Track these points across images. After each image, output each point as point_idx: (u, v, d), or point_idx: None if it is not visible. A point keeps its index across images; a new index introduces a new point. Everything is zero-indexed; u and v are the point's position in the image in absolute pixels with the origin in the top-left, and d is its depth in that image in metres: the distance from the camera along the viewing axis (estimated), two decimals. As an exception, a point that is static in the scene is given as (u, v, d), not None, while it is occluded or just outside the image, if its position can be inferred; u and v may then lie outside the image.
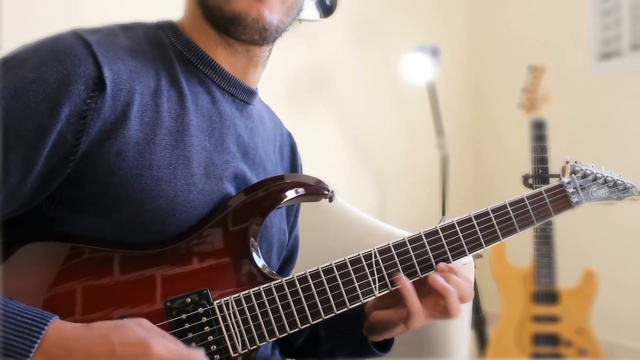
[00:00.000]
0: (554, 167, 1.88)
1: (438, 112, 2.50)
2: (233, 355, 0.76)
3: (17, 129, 0.70)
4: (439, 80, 2.54)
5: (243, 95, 0.88)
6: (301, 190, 0.84)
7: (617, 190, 0.96)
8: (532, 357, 2.01)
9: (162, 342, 0.66)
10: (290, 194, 0.83)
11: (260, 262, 0.80)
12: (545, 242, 1.98)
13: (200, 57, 0.84)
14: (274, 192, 0.83)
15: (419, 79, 2.53)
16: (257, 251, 0.81)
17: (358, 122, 2.70)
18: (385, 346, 0.93)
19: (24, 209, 0.75)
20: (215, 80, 0.84)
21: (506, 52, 2.92)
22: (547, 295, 2.02)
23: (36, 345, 0.63)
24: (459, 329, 1.18)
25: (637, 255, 2.42)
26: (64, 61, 0.72)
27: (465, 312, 1.19)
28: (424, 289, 0.83)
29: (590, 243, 2.53)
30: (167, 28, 0.85)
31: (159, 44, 0.83)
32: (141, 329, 0.67)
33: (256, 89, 0.91)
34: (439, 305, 0.83)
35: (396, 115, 2.79)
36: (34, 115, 0.70)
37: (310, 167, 1.03)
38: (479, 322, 2.13)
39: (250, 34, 0.81)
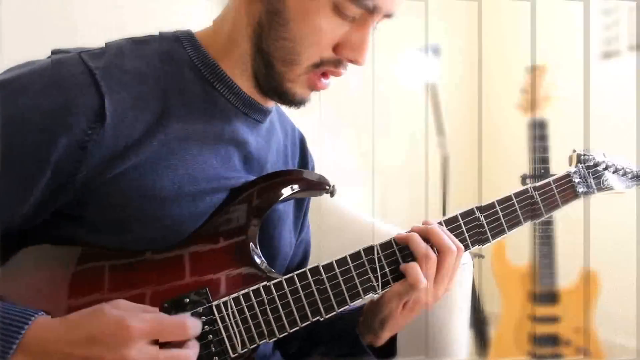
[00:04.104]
0: (554, 167, 1.88)
1: (439, 111, 2.50)
2: (232, 355, 0.75)
3: (13, 158, 0.69)
4: (439, 80, 2.53)
5: (257, 114, 0.85)
6: (296, 187, 0.83)
7: (627, 179, 0.94)
8: (532, 357, 2.01)
9: (139, 316, 0.66)
10: (286, 191, 0.82)
11: (259, 260, 0.80)
12: (545, 242, 1.97)
13: (218, 77, 0.81)
14: (269, 190, 0.82)
15: (419, 78, 2.53)
16: (257, 251, 0.80)
17: (358, 122, 2.69)
18: (387, 355, 0.92)
19: (23, 228, 0.74)
20: (231, 100, 0.82)
21: (506, 52, 2.91)
22: (547, 295, 2.01)
23: (14, 346, 0.63)
24: (459, 329, 1.17)
25: (636, 255, 2.42)
26: (65, 91, 0.70)
27: (465, 312, 1.19)
28: None
29: (590, 243, 2.52)
30: (185, 40, 0.81)
31: (172, 59, 0.79)
32: (116, 310, 0.66)
33: (272, 107, 0.89)
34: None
35: (396, 115, 2.78)
36: (31, 144, 0.69)
37: (310, 167, 1.03)
38: (479, 322, 2.12)
39: (287, 106, 0.83)
